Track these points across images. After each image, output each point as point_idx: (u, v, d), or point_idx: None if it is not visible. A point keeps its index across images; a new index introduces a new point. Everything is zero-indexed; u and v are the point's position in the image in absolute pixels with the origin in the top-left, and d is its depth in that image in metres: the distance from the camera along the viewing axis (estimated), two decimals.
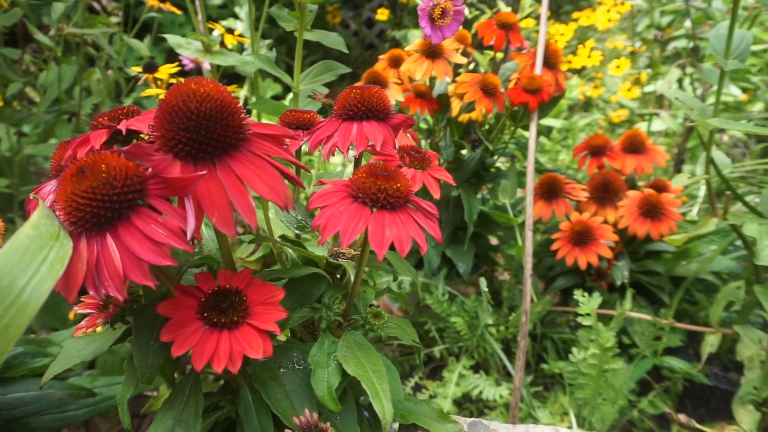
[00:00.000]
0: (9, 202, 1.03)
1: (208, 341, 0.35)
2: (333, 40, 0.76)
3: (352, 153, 0.45)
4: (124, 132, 0.37)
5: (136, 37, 1.58)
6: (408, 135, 0.50)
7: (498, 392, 0.87)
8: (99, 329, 0.43)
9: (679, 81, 1.32)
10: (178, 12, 1.19)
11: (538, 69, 0.86)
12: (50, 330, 1.01)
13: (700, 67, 1.03)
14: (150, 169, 0.34)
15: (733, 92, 1.34)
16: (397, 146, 0.46)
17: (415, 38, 2.69)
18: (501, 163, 1.10)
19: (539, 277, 1.09)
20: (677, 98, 0.72)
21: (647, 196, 0.86)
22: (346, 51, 0.76)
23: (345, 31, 3.08)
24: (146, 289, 0.41)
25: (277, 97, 2.52)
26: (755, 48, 1.37)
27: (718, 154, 0.78)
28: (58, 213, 0.32)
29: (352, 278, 0.44)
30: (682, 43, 1.42)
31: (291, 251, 0.48)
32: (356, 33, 3.13)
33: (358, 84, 0.90)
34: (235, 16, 2.70)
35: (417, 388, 1.02)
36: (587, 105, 2.39)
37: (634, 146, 0.93)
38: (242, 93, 2.13)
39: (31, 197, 0.39)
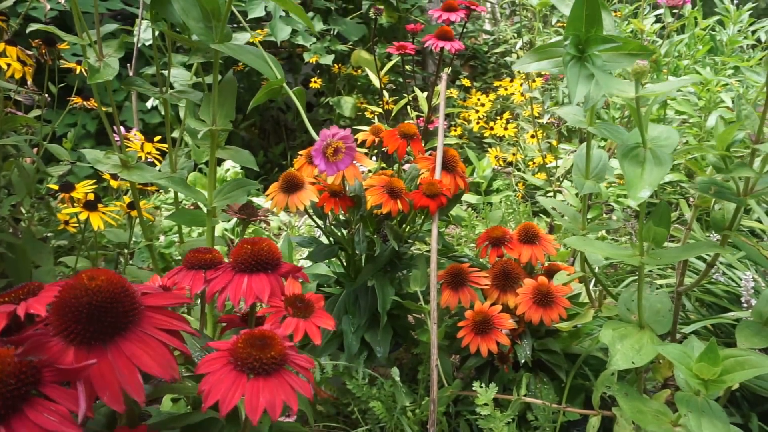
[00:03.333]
0: None
1: None
2: (244, 158, 0.83)
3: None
4: (22, 318, 0.41)
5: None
6: (300, 280, 0.57)
7: None
8: None
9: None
10: (104, 108, 1.23)
11: (438, 174, 0.96)
12: None
13: None
14: (45, 357, 0.38)
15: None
16: (285, 292, 0.52)
17: (347, 104, 2.82)
18: (417, 247, 1.18)
19: (455, 352, 1.17)
20: (553, 208, 0.82)
21: (539, 286, 0.96)
22: (256, 168, 0.83)
23: (282, 88, 3.17)
24: None
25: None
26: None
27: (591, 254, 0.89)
28: None
29: (243, 417, 0.48)
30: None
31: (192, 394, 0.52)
32: None
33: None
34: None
35: None
36: (510, 164, 2.56)
37: (528, 237, 1.04)
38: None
39: None
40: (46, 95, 1.29)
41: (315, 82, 2.73)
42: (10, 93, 1.07)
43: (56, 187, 0.83)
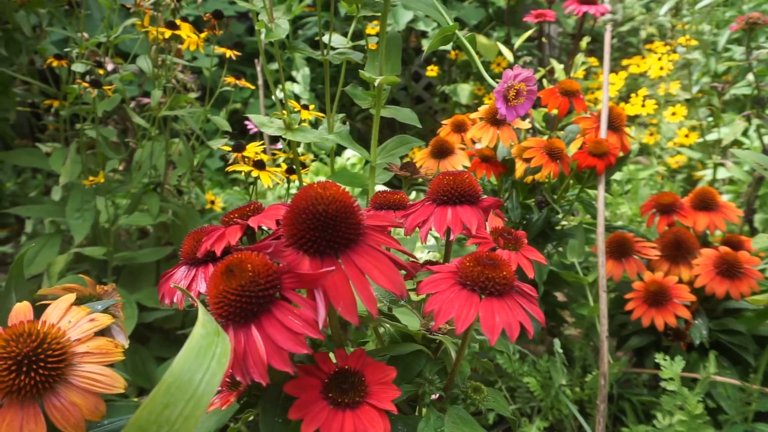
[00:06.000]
0: (103, 268, 1.11)
1: (334, 420, 0.38)
2: (407, 115, 0.82)
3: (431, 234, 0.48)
4: (256, 229, 0.41)
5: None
6: (496, 215, 0.53)
7: None
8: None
9: (744, 131, 1.31)
10: (252, 86, 1.29)
11: (603, 133, 0.88)
12: (137, 389, 1.07)
13: None
14: (282, 265, 0.38)
15: None
16: (488, 227, 0.49)
17: (464, 92, 2.76)
18: (565, 220, 1.11)
19: (611, 334, 1.08)
20: (757, 162, 0.72)
21: (724, 255, 0.85)
22: (419, 126, 0.81)
23: (393, 87, 3.20)
24: (271, 370, 0.44)
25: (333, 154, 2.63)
26: None
27: None
28: (209, 308, 0.36)
29: (453, 355, 0.46)
30: (742, 91, 1.41)
31: (389, 326, 0.51)
32: (405, 88, 3.22)
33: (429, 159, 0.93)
34: (292, 79, 2.87)
35: None
36: (641, 151, 2.37)
37: (705, 203, 0.93)
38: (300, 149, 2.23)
39: (171, 286, 0.44)
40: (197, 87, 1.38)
41: (432, 70, 2.71)
42: (178, 73, 1.15)
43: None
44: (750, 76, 1.06)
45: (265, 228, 0.46)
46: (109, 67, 1.06)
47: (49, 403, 0.36)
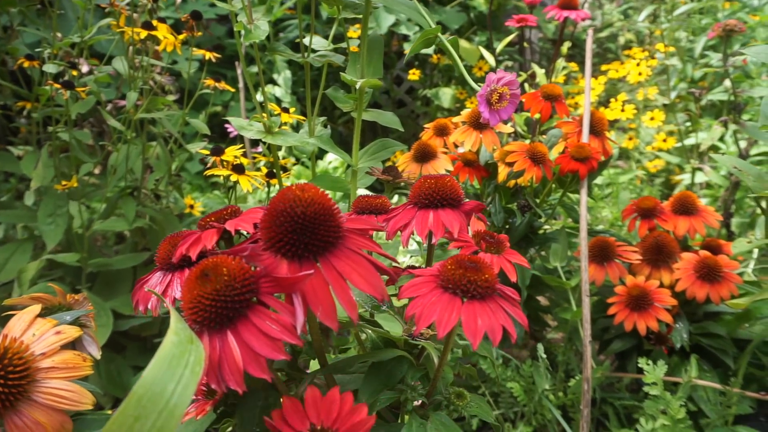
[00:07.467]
0: (77, 275, 1.08)
1: None
2: (389, 119, 0.81)
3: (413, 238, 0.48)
4: (233, 233, 0.40)
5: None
6: (478, 218, 0.53)
7: None
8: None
9: (720, 136, 1.33)
10: (232, 89, 1.27)
11: (585, 137, 0.89)
12: (112, 399, 1.04)
13: (743, 125, 1.04)
14: (259, 269, 0.37)
15: None
16: (470, 231, 0.49)
17: (446, 96, 2.77)
18: (548, 224, 1.11)
19: (593, 338, 1.08)
20: (735, 167, 0.73)
21: (704, 259, 0.86)
22: (401, 129, 0.80)
23: (375, 90, 3.19)
24: (248, 377, 0.43)
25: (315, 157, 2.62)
26: None
27: None
28: (183, 314, 0.35)
29: (436, 361, 0.45)
30: (718, 97, 1.43)
31: (371, 332, 0.49)
32: (387, 91, 3.22)
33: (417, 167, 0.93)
34: (273, 83, 2.85)
35: None
36: (621, 155, 2.39)
37: (686, 208, 0.94)
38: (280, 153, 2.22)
39: (145, 290, 0.42)
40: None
41: (414, 73, 2.71)
42: (155, 75, 1.13)
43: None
44: (727, 82, 1.07)
45: (243, 232, 0.45)
46: (84, 68, 1.03)
47: (10, 422, 0.34)
